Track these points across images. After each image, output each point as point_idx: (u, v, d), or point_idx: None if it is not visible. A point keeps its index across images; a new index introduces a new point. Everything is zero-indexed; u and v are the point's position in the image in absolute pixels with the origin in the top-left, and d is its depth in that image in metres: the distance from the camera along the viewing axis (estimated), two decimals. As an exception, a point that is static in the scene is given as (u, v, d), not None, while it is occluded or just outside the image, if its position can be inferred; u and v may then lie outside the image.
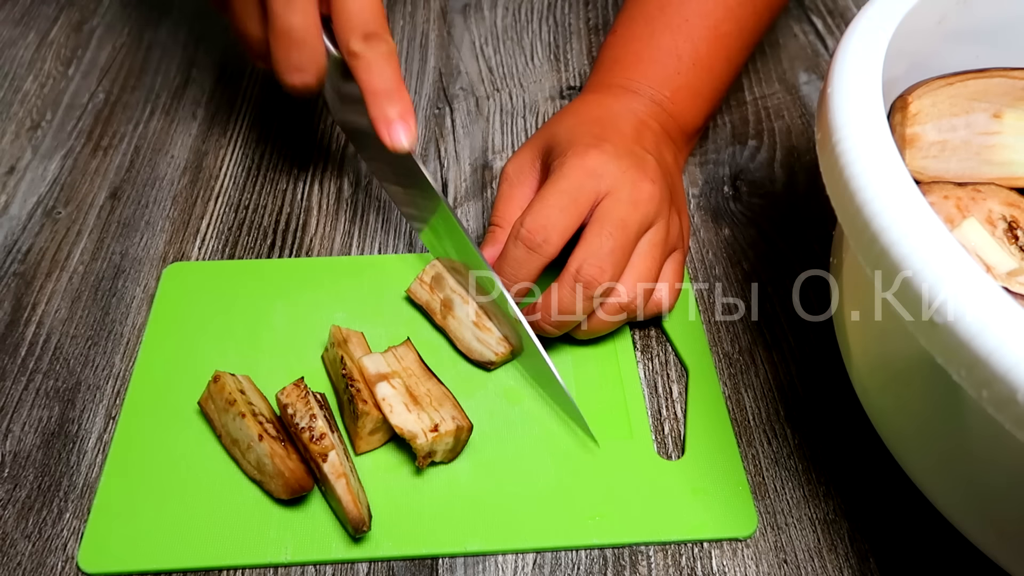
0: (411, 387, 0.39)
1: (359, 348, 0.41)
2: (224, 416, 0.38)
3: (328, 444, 0.36)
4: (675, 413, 0.41)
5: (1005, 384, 0.22)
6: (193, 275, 0.47)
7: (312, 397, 0.37)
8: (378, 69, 0.40)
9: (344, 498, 0.35)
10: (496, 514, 0.37)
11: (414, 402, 0.38)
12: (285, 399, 0.37)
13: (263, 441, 0.36)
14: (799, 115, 0.57)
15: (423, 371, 0.40)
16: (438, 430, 0.37)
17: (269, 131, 0.56)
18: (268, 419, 0.38)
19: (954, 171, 0.36)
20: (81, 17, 0.65)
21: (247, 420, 0.37)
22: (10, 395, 0.42)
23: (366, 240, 0.49)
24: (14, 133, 0.56)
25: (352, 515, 0.35)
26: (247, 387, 0.39)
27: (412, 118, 0.41)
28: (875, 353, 0.34)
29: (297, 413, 0.37)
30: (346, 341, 0.41)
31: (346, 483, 0.35)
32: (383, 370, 0.39)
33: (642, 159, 0.41)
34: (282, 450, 0.37)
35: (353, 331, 0.42)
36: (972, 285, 0.24)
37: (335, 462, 0.35)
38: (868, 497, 0.38)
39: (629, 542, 0.37)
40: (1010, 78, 0.36)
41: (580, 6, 0.67)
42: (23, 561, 0.36)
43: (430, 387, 0.39)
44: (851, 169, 0.28)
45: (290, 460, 0.36)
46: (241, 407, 0.37)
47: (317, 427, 0.36)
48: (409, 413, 0.37)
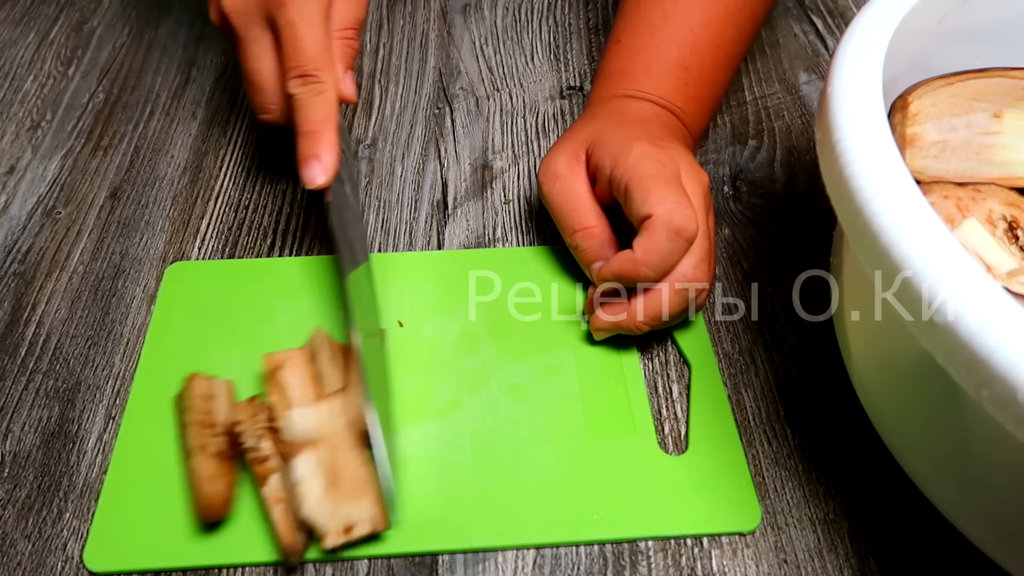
0: (337, 463, 0.35)
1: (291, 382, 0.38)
2: (181, 419, 0.38)
3: (271, 467, 0.35)
4: (675, 413, 0.41)
5: (1005, 384, 0.22)
6: (195, 274, 0.47)
7: (264, 416, 0.36)
8: (307, 110, 0.42)
9: (280, 525, 0.34)
10: (500, 510, 0.37)
11: (333, 489, 0.34)
12: (238, 415, 0.36)
13: (191, 457, 0.35)
14: (799, 115, 0.57)
15: (357, 438, 0.36)
16: (351, 533, 0.34)
17: (269, 131, 0.56)
18: (222, 432, 0.37)
19: (954, 171, 0.36)
20: (81, 17, 0.65)
21: (190, 430, 0.36)
22: (10, 395, 0.42)
23: (366, 241, 0.49)
24: (14, 133, 0.56)
25: (285, 543, 0.34)
26: (220, 393, 0.38)
27: (331, 155, 0.41)
28: (875, 353, 0.34)
29: (246, 431, 0.36)
30: (278, 369, 0.38)
31: (283, 510, 0.34)
32: (311, 432, 0.35)
33: (685, 153, 0.43)
34: (211, 471, 0.35)
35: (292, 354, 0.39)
36: (972, 285, 0.24)
37: (275, 487, 0.35)
38: (868, 497, 0.38)
39: (633, 537, 0.37)
40: (1010, 78, 0.36)
41: (580, 6, 0.67)
42: (23, 561, 0.36)
43: (357, 466, 0.35)
44: (851, 169, 0.28)
45: (211, 483, 0.35)
46: (192, 415, 0.37)
47: (263, 448, 0.35)
48: (324, 504, 0.34)
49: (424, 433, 0.40)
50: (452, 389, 0.42)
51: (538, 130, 0.56)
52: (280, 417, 0.37)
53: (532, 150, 0.55)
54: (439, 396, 0.41)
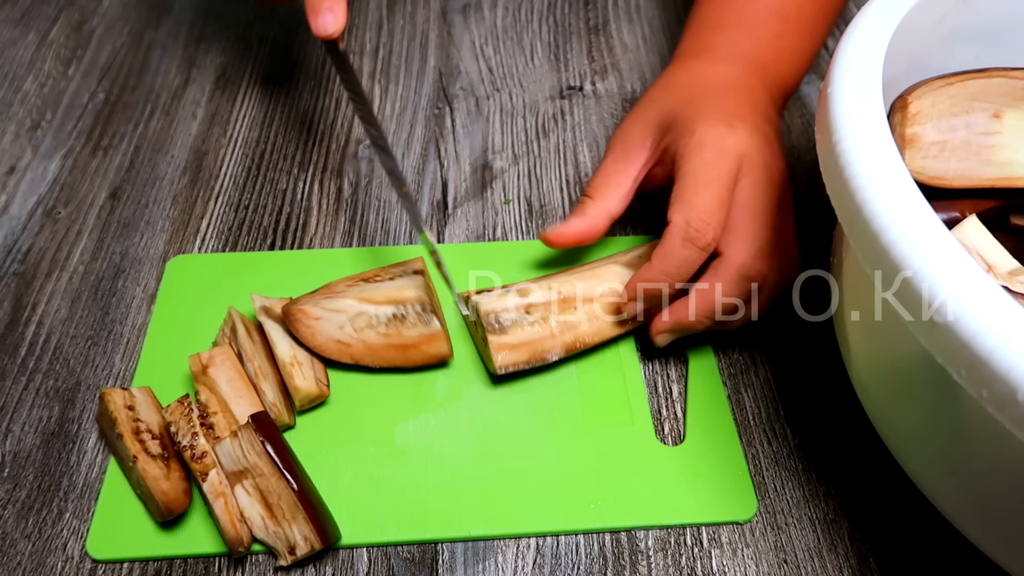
0: (264, 492, 0.35)
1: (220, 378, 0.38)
2: (111, 434, 0.38)
3: (209, 463, 0.36)
4: (675, 413, 0.41)
5: (1005, 384, 0.22)
6: (197, 267, 0.47)
7: (196, 415, 0.37)
8: None
9: (222, 518, 0.35)
10: (498, 500, 0.37)
11: (269, 514, 0.35)
12: (169, 416, 0.37)
13: (136, 464, 0.36)
14: (799, 115, 0.57)
15: (270, 466, 0.35)
16: (295, 553, 0.35)
17: (269, 131, 0.56)
18: (157, 435, 0.37)
19: (954, 171, 0.36)
20: (81, 17, 0.65)
21: (124, 440, 0.36)
22: (10, 395, 0.42)
23: (366, 240, 0.49)
24: (14, 133, 0.56)
25: (228, 535, 0.35)
26: (140, 401, 0.38)
27: (341, 6, 0.40)
28: (875, 353, 0.34)
29: (180, 431, 0.36)
30: (207, 368, 0.39)
31: (224, 503, 0.35)
32: (234, 468, 0.36)
33: (767, 133, 0.41)
34: (158, 470, 0.36)
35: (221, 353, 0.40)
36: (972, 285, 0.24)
37: (215, 481, 0.35)
38: (868, 497, 0.38)
39: (630, 526, 0.37)
40: (1010, 78, 0.36)
41: (580, 6, 0.67)
42: (23, 561, 0.36)
43: (280, 491, 0.35)
44: (851, 169, 0.28)
45: (166, 480, 0.35)
46: (120, 426, 0.37)
47: (199, 445, 0.36)
48: (267, 530, 0.35)
49: (423, 424, 0.40)
50: (451, 381, 0.42)
51: (538, 130, 0.56)
52: (215, 412, 0.37)
53: (532, 150, 0.55)
54: (439, 388, 0.41)
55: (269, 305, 0.41)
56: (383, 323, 0.40)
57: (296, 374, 0.39)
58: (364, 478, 0.38)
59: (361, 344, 0.40)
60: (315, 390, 0.39)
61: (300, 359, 0.40)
